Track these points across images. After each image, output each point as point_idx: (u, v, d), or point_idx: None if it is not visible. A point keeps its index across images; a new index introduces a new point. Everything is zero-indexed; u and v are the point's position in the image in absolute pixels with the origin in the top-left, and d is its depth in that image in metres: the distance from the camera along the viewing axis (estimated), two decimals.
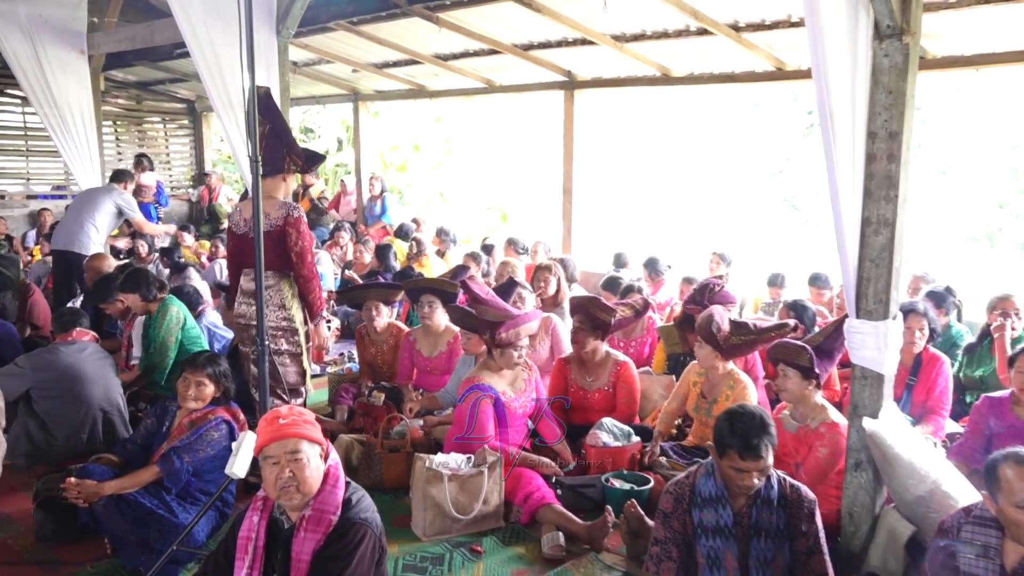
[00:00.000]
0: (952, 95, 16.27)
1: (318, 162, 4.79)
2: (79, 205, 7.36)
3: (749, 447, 2.60)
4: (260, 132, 4.22)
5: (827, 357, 3.74)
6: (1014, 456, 2.53)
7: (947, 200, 16.06)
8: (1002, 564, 2.56)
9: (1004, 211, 15.33)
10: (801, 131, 17.40)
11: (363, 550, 2.54)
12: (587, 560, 3.58)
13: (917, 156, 16.77)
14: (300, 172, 4.70)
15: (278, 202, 4.33)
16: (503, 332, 4.07)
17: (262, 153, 4.24)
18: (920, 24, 3.25)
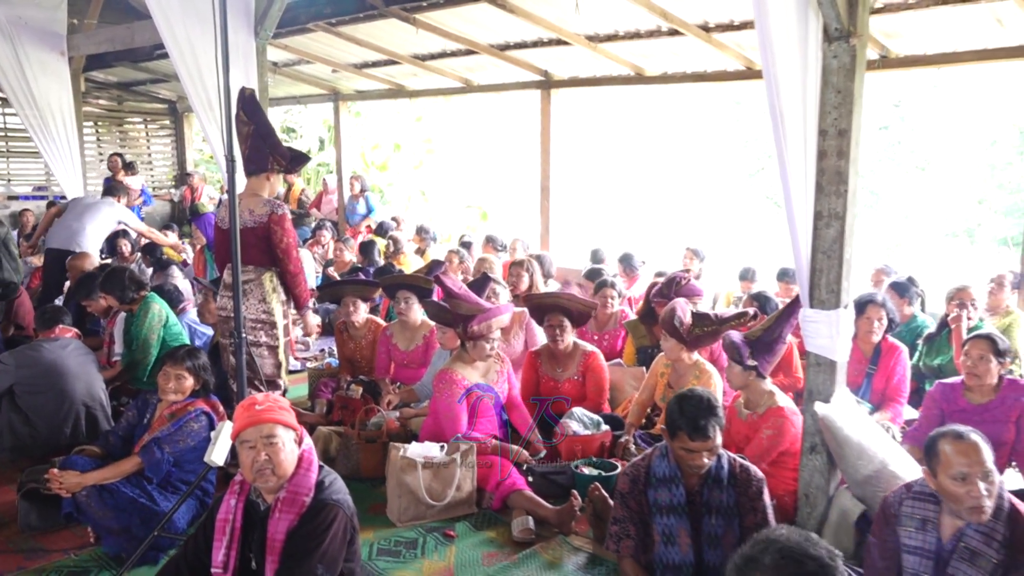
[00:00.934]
0: (931, 92, 16.50)
1: (302, 162, 4.89)
2: (80, 210, 7.43)
3: (697, 428, 2.75)
4: (245, 132, 4.39)
5: (766, 350, 3.90)
6: (952, 432, 2.68)
7: (927, 196, 16.28)
8: (939, 536, 2.72)
9: (983, 207, 15.53)
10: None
11: (335, 530, 2.66)
12: (555, 543, 3.73)
13: (897, 153, 17.00)
14: (284, 172, 4.80)
15: (262, 199, 4.44)
16: (475, 325, 4.21)
17: (247, 153, 4.41)
18: (867, 27, 3.40)
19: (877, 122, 16.98)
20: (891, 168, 17.04)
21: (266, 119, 4.51)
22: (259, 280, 4.41)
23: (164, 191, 13.53)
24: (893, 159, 17.17)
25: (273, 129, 4.58)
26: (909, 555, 2.75)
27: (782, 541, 1.82)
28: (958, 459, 2.59)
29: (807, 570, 1.76)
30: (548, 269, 7.29)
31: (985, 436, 3.99)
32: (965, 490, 2.56)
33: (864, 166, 15.23)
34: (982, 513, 2.56)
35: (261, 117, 4.42)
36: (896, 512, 2.82)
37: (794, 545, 1.81)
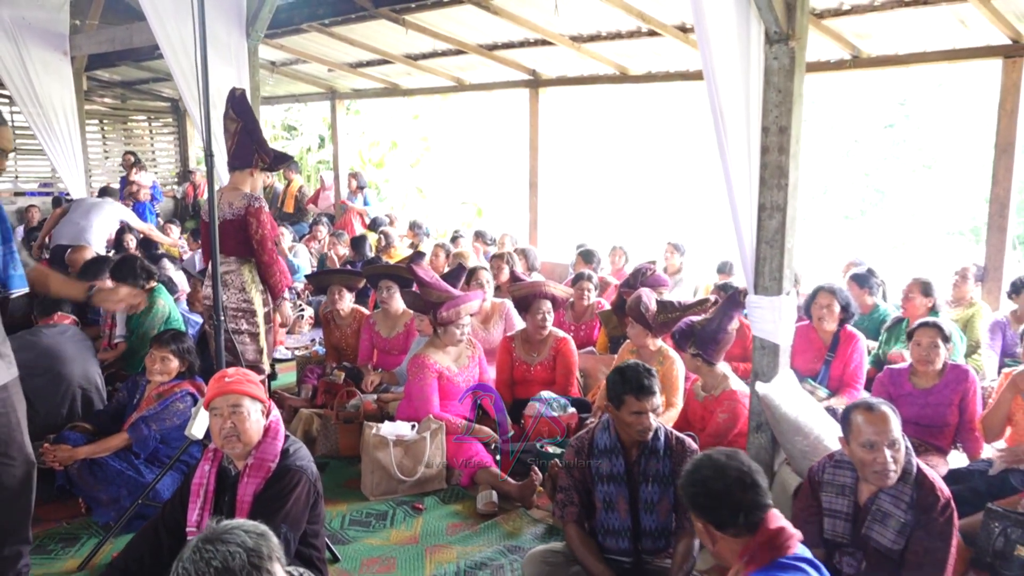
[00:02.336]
0: (936, 90, 16.55)
1: (284, 161, 5.10)
2: (87, 208, 7.84)
3: (643, 387, 2.98)
4: (232, 129, 4.61)
5: (709, 339, 4.15)
6: (864, 404, 2.90)
7: (933, 194, 16.26)
8: (856, 500, 2.94)
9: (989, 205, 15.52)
10: None
11: (298, 492, 2.91)
12: (516, 515, 3.97)
13: (903, 151, 17.03)
14: (267, 170, 5.00)
15: (242, 193, 4.63)
16: (444, 311, 4.45)
17: (233, 149, 4.64)
18: (806, 30, 3.62)
19: (882, 120, 17.00)
20: (897, 166, 17.04)
21: (254, 118, 4.71)
22: (239, 270, 4.59)
23: (167, 188, 13.81)
24: (899, 157, 17.16)
25: (260, 128, 4.79)
26: (829, 518, 2.98)
27: (713, 455, 2.32)
28: (867, 428, 2.81)
29: (730, 474, 2.23)
30: (532, 262, 7.52)
31: (927, 417, 4.26)
32: (872, 457, 2.78)
33: (869, 164, 15.27)
34: (887, 478, 2.78)
35: (250, 116, 4.62)
36: (820, 479, 3.05)
37: (721, 456, 2.30)
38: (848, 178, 16.93)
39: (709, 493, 2.23)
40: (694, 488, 2.27)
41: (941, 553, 2.71)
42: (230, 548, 1.83)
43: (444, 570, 3.48)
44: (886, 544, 2.80)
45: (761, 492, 2.22)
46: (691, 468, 2.32)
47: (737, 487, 2.20)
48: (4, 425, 3.03)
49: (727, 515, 2.19)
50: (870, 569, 2.85)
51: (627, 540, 3.06)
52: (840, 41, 6.44)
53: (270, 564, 1.85)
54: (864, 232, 15.94)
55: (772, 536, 2.16)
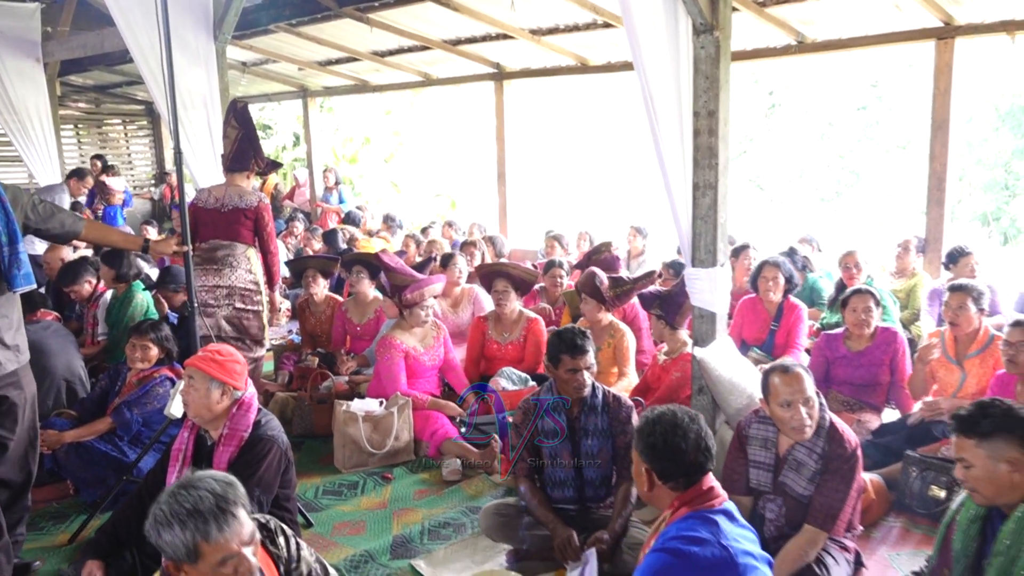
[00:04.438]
0: (906, 72, 16.85)
1: (275, 168, 5.83)
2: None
3: (576, 347, 3.27)
4: (233, 136, 5.13)
5: (673, 303, 4.44)
6: (780, 367, 3.19)
7: (908, 175, 16.51)
8: (777, 452, 3.24)
9: (963, 183, 15.77)
10: (764, 111, 17.76)
11: (270, 460, 3.17)
12: (479, 480, 4.27)
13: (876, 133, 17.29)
14: (260, 174, 5.57)
15: (247, 190, 5.19)
16: (408, 294, 4.72)
17: (233, 153, 5.15)
18: (729, 22, 3.90)
19: (855, 103, 17.24)
20: (871, 148, 17.28)
21: (254, 128, 5.22)
22: (245, 255, 5.07)
23: (144, 189, 13.96)
24: (872, 139, 17.40)
25: (258, 136, 5.30)
26: (754, 468, 3.28)
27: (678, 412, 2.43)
28: (784, 389, 3.09)
29: (690, 436, 2.34)
30: (500, 249, 7.80)
31: (861, 377, 4.58)
32: (789, 414, 3.07)
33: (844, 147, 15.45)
34: (803, 432, 3.08)
35: (250, 126, 5.16)
36: (746, 434, 3.35)
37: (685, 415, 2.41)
38: (823, 161, 17.11)
39: (666, 446, 2.33)
40: (653, 438, 2.35)
41: (842, 494, 3.01)
42: (200, 493, 2.09)
43: (410, 530, 3.76)
44: (799, 491, 3.10)
45: (710, 457, 2.37)
46: (654, 417, 2.41)
47: (692, 448, 2.33)
48: (22, 401, 3.36)
49: (674, 470, 2.33)
50: (788, 514, 3.15)
51: (572, 490, 3.36)
52: (785, 28, 6.75)
53: (235, 508, 2.11)
54: (841, 213, 16.19)
55: (702, 494, 2.33)
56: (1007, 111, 14.61)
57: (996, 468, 2.31)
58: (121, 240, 4.08)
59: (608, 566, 3.14)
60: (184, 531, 2.03)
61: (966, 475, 2.38)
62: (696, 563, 2.16)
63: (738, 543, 2.24)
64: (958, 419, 2.42)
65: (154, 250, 3.96)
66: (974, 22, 6.09)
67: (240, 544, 2.08)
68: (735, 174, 18.41)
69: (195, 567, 2.05)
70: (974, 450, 2.35)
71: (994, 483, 2.33)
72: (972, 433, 2.36)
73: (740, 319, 5.42)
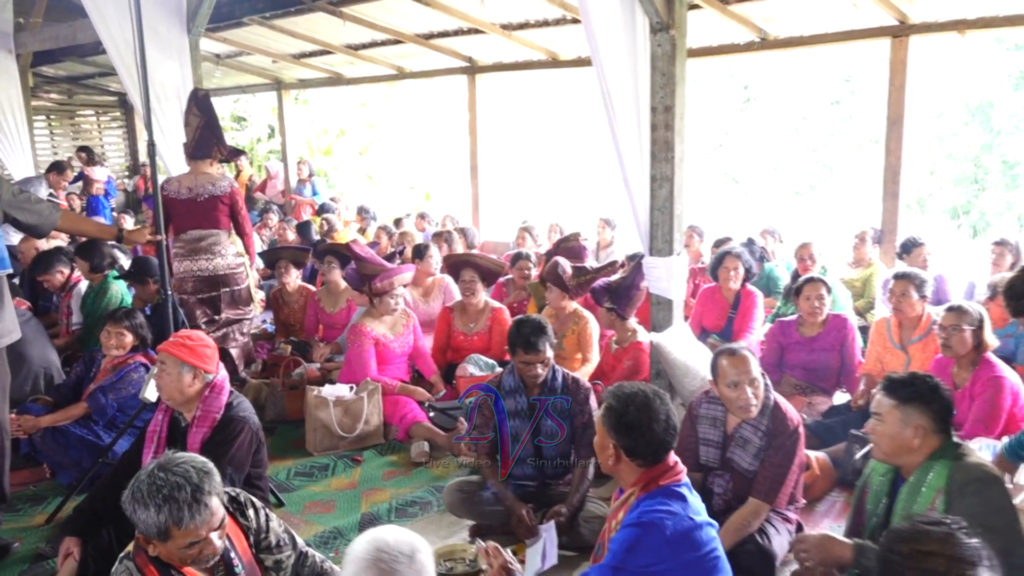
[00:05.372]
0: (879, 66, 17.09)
1: (238, 155, 6.09)
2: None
3: (529, 343, 3.44)
4: (195, 124, 5.28)
5: (623, 295, 4.63)
6: (727, 350, 3.37)
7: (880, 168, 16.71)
8: (725, 430, 3.43)
9: (934, 177, 16.01)
10: (739, 106, 17.90)
11: (242, 439, 3.31)
12: (445, 460, 4.43)
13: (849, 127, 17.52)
14: (223, 161, 5.68)
15: (216, 176, 5.38)
16: (378, 282, 4.87)
17: (195, 141, 5.29)
18: (685, 20, 4.08)
19: (829, 97, 17.45)
20: (844, 142, 17.48)
21: (215, 116, 5.39)
22: (230, 239, 5.45)
23: (118, 181, 13.92)
24: (845, 133, 17.60)
25: (220, 125, 5.47)
26: (703, 445, 3.46)
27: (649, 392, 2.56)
28: (730, 370, 3.27)
29: (660, 416, 2.47)
30: (471, 240, 7.95)
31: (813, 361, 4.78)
32: (736, 394, 3.25)
33: (817, 141, 15.59)
34: (749, 411, 3.26)
35: (211, 114, 5.33)
36: (697, 413, 3.53)
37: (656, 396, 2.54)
38: (797, 155, 17.27)
39: (636, 423, 2.42)
40: (626, 416, 2.44)
41: (784, 469, 3.20)
42: (178, 480, 2.22)
43: (378, 508, 3.91)
44: (745, 466, 3.29)
45: (675, 436, 2.50)
46: (625, 395, 2.49)
47: (662, 427, 2.45)
48: None
49: (643, 447, 2.44)
50: (735, 488, 3.34)
51: (531, 467, 3.53)
52: (748, 25, 6.93)
53: (208, 499, 2.23)
54: (814, 206, 16.40)
55: (667, 470, 2.47)
56: (976, 106, 14.87)
57: (903, 430, 2.57)
58: (95, 230, 4.22)
59: (565, 539, 3.31)
60: (159, 514, 2.16)
61: (875, 428, 2.64)
62: (668, 535, 2.30)
63: (699, 514, 2.41)
64: (889, 380, 2.67)
65: (128, 240, 4.09)
66: (928, 21, 6.30)
67: (209, 531, 2.22)
68: (710, 168, 18.72)
69: (164, 545, 2.20)
70: (892, 410, 2.60)
71: (896, 442, 2.59)
72: (895, 395, 2.61)
73: (700, 308, 5.62)
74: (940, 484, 2.50)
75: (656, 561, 2.27)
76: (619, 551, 2.31)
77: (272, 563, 2.49)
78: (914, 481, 2.56)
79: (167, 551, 2.22)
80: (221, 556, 2.32)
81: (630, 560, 2.28)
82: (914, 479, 2.56)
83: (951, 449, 2.57)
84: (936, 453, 2.56)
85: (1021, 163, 14.39)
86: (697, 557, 2.28)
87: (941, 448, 2.56)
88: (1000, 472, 2.67)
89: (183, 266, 5.35)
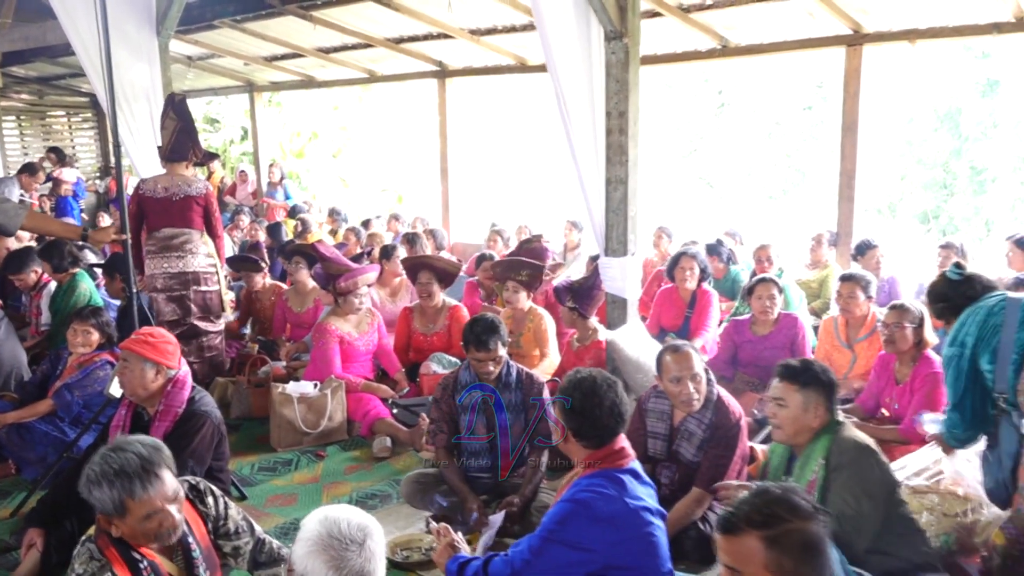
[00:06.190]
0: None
1: (212, 159, 5.92)
2: None
3: (480, 342, 3.57)
4: (171, 127, 5.41)
5: (585, 295, 4.76)
6: (671, 347, 3.52)
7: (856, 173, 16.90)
8: (671, 423, 3.57)
9: (905, 182, 16.27)
10: (713, 111, 18.07)
11: (203, 433, 3.41)
12: (407, 456, 4.54)
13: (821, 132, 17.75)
14: (198, 164, 5.85)
15: (191, 178, 5.50)
16: (342, 282, 4.97)
17: (171, 144, 5.41)
18: (637, 30, 4.23)
19: (801, 103, 17.70)
20: (816, 147, 17.69)
21: (192, 120, 5.52)
22: (202, 239, 5.48)
23: (89, 182, 13.87)
24: (817, 138, 17.81)
25: (195, 128, 5.62)
26: (651, 438, 3.61)
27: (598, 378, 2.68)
28: (673, 366, 3.42)
29: (605, 402, 2.59)
30: (440, 242, 8.06)
31: (765, 359, 4.93)
32: (678, 389, 3.40)
33: (790, 146, 15.72)
34: (692, 405, 3.41)
35: (188, 118, 5.46)
36: (645, 407, 3.67)
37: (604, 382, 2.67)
38: (771, 159, 17.46)
39: (582, 407, 2.56)
40: (573, 400, 2.58)
41: (725, 459, 3.35)
42: (127, 455, 2.32)
43: (339, 501, 4.01)
44: (689, 458, 3.44)
45: (622, 422, 2.63)
46: (576, 380, 2.63)
47: (607, 413, 2.58)
48: None
49: (587, 429, 2.59)
50: (680, 479, 3.50)
51: (486, 459, 3.66)
52: (709, 32, 7.11)
53: (159, 470, 2.34)
54: (787, 211, 16.62)
55: (613, 453, 2.60)
56: (945, 113, 15.16)
57: (804, 413, 2.82)
58: (60, 229, 4.28)
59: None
60: (112, 489, 2.26)
61: (777, 412, 2.89)
62: (597, 514, 2.45)
63: (640, 500, 2.54)
64: (786, 367, 2.92)
65: (92, 239, 4.16)
66: (881, 30, 6.52)
67: (164, 501, 2.32)
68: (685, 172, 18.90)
69: (124, 521, 2.29)
70: (794, 393, 2.85)
71: (797, 422, 2.85)
72: (796, 380, 2.86)
73: (658, 308, 5.77)
74: (823, 454, 2.79)
75: (584, 539, 2.40)
76: (549, 523, 2.46)
77: (230, 549, 2.59)
78: (804, 455, 2.85)
79: (129, 528, 2.29)
80: (179, 541, 2.42)
81: (559, 532, 2.43)
82: (804, 454, 2.85)
83: (834, 425, 2.86)
84: (823, 429, 2.84)
85: (988, 169, 14.67)
86: (626, 538, 2.41)
87: (827, 425, 2.86)
88: (875, 444, 2.89)
89: (154, 263, 5.40)
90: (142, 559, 2.31)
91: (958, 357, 2.85)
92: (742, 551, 1.73)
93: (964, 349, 2.83)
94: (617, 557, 2.40)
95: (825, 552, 1.72)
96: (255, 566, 2.64)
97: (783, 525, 1.71)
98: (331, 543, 1.85)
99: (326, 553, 1.84)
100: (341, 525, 1.89)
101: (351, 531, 1.88)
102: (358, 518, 1.94)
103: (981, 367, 2.77)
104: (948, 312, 3.02)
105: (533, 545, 2.47)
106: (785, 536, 1.70)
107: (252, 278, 6.34)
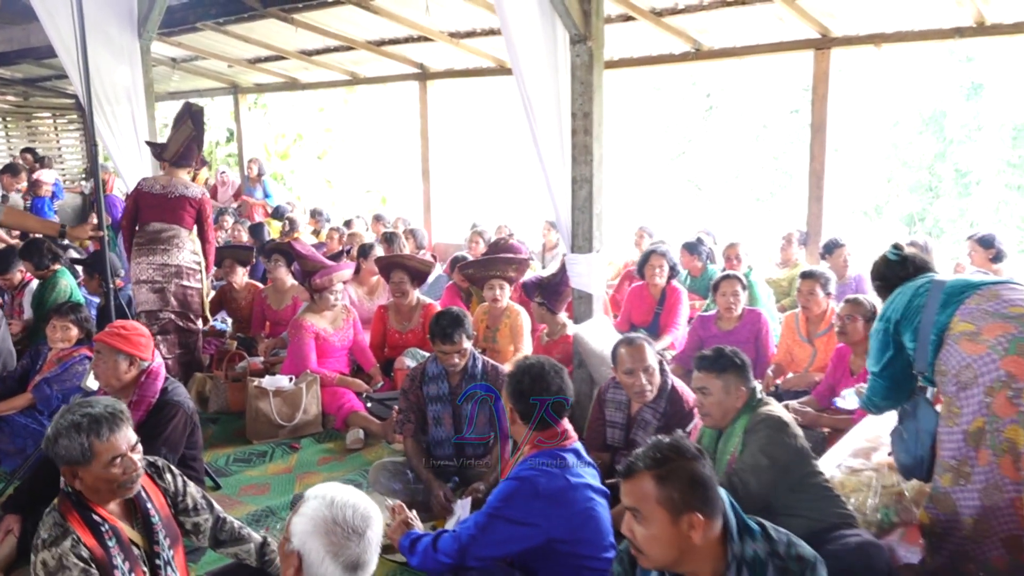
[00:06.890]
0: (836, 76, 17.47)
1: (203, 165, 6.59)
2: None
3: (445, 335, 3.69)
4: (186, 134, 5.67)
5: (553, 291, 4.90)
6: (625, 340, 3.65)
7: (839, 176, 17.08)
8: (628, 413, 3.71)
9: (891, 185, 16.34)
10: (701, 113, 18.22)
11: (176, 422, 3.52)
12: (379, 447, 4.66)
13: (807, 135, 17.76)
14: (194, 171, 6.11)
15: (190, 183, 5.73)
16: (317, 279, 5.09)
17: (180, 150, 5.67)
18: (601, 33, 4.35)
19: (789, 106, 17.86)
20: (803, 149, 17.71)
21: (204, 131, 5.83)
22: (190, 238, 5.60)
23: (75, 184, 13.93)
24: (804, 141, 17.91)
25: (203, 140, 5.90)
26: (609, 428, 3.75)
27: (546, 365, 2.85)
28: (627, 359, 3.57)
29: (552, 388, 2.77)
30: (420, 242, 8.18)
31: None
32: (632, 380, 3.54)
33: (778, 148, 15.83)
34: (645, 396, 3.56)
35: (202, 129, 5.76)
36: (605, 398, 3.81)
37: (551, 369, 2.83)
38: (758, 162, 17.58)
39: (528, 392, 2.73)
40: (520, 385, 2.75)
41: None
42: (94, 405, 2.43)
43: None
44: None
45: (564, 407, 2.77)
46: (525, 366, 2.82)
47: (549, 398, 2.73)
48: None
49: (532, 412, 2.73)
50: None
51: (451, 448, 3.78)
52: (683, 36, 7.26)
53: (122, 418, 2.44)
54: (774, 213, 16.76)
55: (556, 435, 2.75)
56: (930, 116, 15.33)
57: (726, 397, 3.00)
58: (38, 226, 4.37)
59: None
60: (79, 433, 2.34)
61: (704, 401, 3.05)
62: (539, 489, 2.59)
63: (581, 477, 2.67)
64: (702, 358, 3.09)
65: (71, 235, 4.25)
66: (848, 34, 6.68)
67: (128, 447, 2.42)
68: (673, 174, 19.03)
69: (89, 469, 2.36)
70: (714, 381, 3.02)
71: (723, 407, 3.01)
72: (713, 369, 3.04)
73: (629, 305, 5.91)
74: (742, 429, 2.97)
75: (527, 515, 2.54)
76: (495, 500, 2.59)
77: (191, 526, 2.69)
78: (727, 433, 3.03)
79: (92, 478, 2.36)
80: (139, 507, 2.51)
81: (505, 509, 2.56)
82: (727, 432, 3.04)
83: (754, 401, 3.04)
84: (744, 407, 3.02)
85: (973, 171, 14.84)
86: (568, 513, 2.55)
87: (747, 403, 3.03)
88: (791, 419, 3.03)
89: (140, 254, 5.49)
90: (103, 522, 2.39)
91: (883, 331, 2.96)
92: (638, 490, 1.92)
93: (888, 324, 2.93)
94: (559, 531, 2.53)
95: (711, 487, 1.91)
96: (216, 544, 2.73)
97: (671, 464, 1.91)
98: (334, 528, 1.88)
99: (327, 537, 1.87)
100: (347, 512, 1.90)
101: (355, 520, 1.91)
102: (364, 506, 1.96)
103: (904, 343, 2.88)
104: (884, 291, 3.12)
105: (479, 521, 2.60)
106: (673, 473, 1.90)
107: (234, 271, 6.42)
